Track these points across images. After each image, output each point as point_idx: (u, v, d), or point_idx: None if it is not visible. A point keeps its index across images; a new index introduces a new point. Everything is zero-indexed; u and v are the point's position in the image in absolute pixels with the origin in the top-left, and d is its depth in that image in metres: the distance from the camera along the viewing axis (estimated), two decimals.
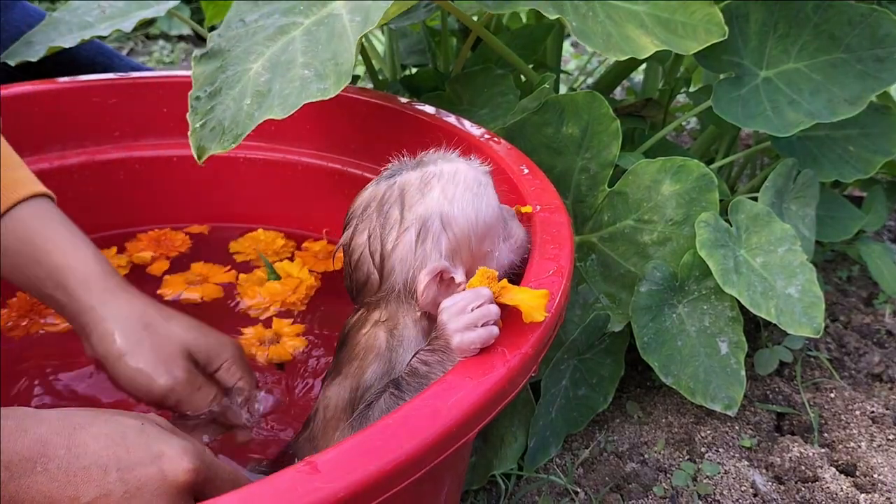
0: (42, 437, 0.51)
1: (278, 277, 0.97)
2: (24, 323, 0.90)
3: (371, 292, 0.63)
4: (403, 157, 0.64)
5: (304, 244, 1.04)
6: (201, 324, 0.78)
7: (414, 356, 0.57)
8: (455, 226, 0.60)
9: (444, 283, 0.60)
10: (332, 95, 0.73)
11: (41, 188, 0.77)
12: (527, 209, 0.71)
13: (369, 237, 0.62)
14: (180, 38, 2.70)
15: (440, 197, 0.60)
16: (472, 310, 0.54)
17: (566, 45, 1.67)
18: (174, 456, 0.53)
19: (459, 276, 0.60)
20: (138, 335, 0.72)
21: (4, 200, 0.74)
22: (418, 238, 0.60)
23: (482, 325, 0.53)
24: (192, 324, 0.76)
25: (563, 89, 1.46)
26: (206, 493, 0.55)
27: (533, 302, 0.54)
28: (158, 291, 0.95)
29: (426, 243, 0.60)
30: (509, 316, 0.55)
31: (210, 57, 0.78)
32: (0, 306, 0.91)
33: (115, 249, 1.01)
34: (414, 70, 1.32)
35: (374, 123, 0.97)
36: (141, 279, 0.97)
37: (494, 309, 0.54)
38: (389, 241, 0.60)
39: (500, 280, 0.57)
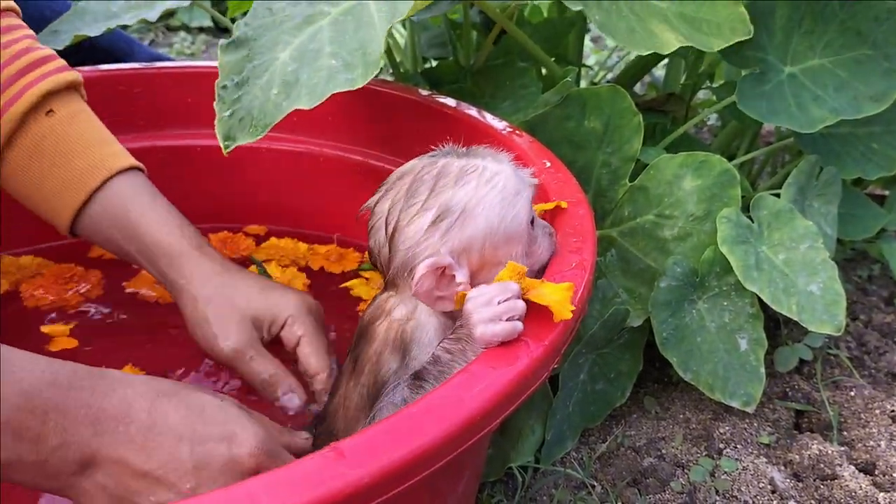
0: (127, 398, 0.53)
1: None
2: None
3: (383, 267, 0.63)
4: (455, 145, 0.63)
5: (313, 246, 1.05)
6: (267, 285, 0.82)
7: (438, 345, 0.57)
8: (473, 226, 0.59)
9: (444, 278, 0.58)
10: (360, 85, 0.73)
11: (133, 161, 0.82)
12: (552, 205, 0.71)
13: (391, 207, 0.61)
14: (201, 29, 2.71)
15: (471, 192, 0.59)
16: (499, 303, 0.54)
17: (586, 39, 1.67)
18: (244, 439, 0.54)
19: (461, 276, 0.58)
20: (206, 305, 0.78)
21: (101, 174, 0.79)
22: (432, 224, 0.59)
23: (507, 319, 0.53)
24: (257, 287, 0.81)
25: (582, 84, 1.46)
26: None
27: (558, 296, 0.54)
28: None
29: (437, 232, 0.58)
30: (534, 307, 0.55)
31: (237, 46, 0.78)
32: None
33: None
34: (435, 63, 1.32)
35: (395, 115, 0.97)
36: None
37: (521, 304, 0.54)
38: (405, 217, 0.59)
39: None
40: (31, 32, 0.82)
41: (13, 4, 0.82)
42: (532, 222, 0.62)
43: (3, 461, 0.50)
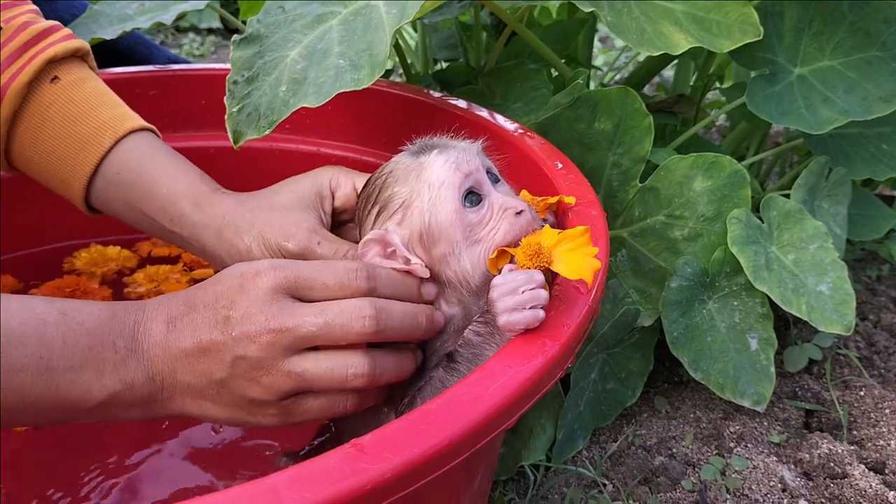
0: (169, 312, 0.58)
1: None
2: None
3: None
4: (424, 138, 0.65)
5: None
6: (292, 178, 0.76)
7: (467, 327, 0.59)
8: (410, 223, 0.62)
9: (387, 254, 0.62)
10: (366, 86, 0.74)
11: (144, 122, 0.78)
12: (554, 200, 0.71)
13: (360, 204, 0.66)
14: (210, 30, 2.73)
15: (407, 190, 0.62)
16: (523, 291, 0.55)
17: (594, 40, 1.68)
18: (256, 273, 0.57)
19: (414, 259, 0.62)
20: (251, 222, 0.72)
21: (110, 136, 0.75)
22: (376, 218, 0.64)
23: (529, 308, 0.55)
24: (285, 183, 0.76)
25: (592, 85, 1.46)
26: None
27: (582, 263, 0.56)
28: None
29: (380, 223, 0.63)
30: (549, 307, 0.56)
31: (249, 42, 0.79)
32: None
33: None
34: (445, 65, 1.33)
35: (406, 117, 0.98)
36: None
37: (544, 294, 0.55)
38: (364, 213, 0.65)
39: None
40: (35, 7, 0.80)
41: None
42: (473, 202, 0.61)
43: (103, 402, 0.54)
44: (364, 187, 0.66)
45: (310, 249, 0.70)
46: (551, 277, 0.60)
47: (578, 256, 0.56)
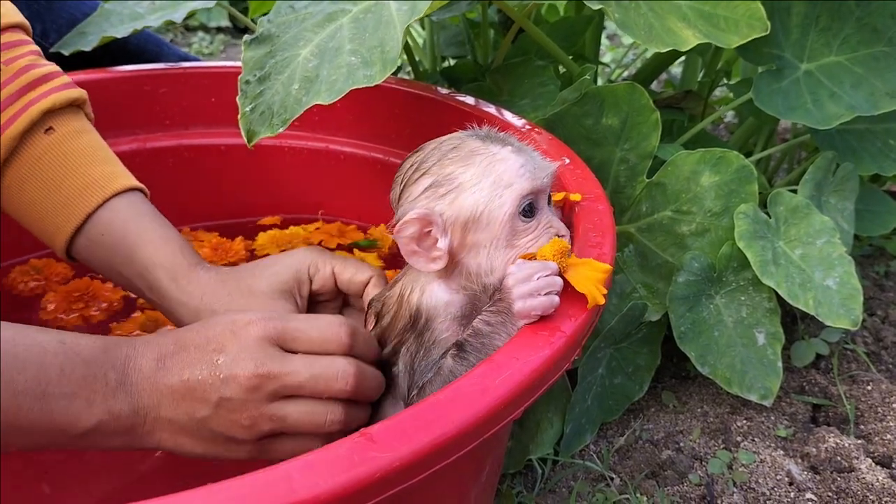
0: (160, 351, 0.59)
1: None
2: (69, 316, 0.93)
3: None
4: (490, 128, 0.65)
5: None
6: (269, 261, 0.76)
7: (477, 317, 0.59)
8: (460, 204, 0.61)
9: (426, 236, 0.61)
10: (378, 82, 0.74)
11: (133, 182, 0.78)
12: (560, 197, 0.72)
13: (410, 166, 0.64)
14: (219, 29, 2.75)
15: (470, 173, 0.61)
16: (538, 278, 0.56)
17: (602, 37, 1.68)
18: (246, 322, 0.59)
19: (443, 243, 0.61)
20: (227, 310, 0.72)
21: (98, 195, 0.75)
22: (427, 188, 0.62)
23: (545, 294, 0.56)
24: (262, 267, 0.75)
25: (599, 82, 1.47)
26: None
27: (591, 283, 0.57)
28: None
29: (430, 197, 0.61)
30: (563, 291, 0.57)
31: (260, 42, 0.80)
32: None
33: None
34: (453, 62, 1.33)
35: (415, 113, 0.99)
36: None
37: (559, 281, 0.57)
38: (414, 178, 0.63)
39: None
40: (37, 48, 0.80)
41: (22, 20, 0.80)
42: (527, 214, 0.61)
43: (89, 429, 0.56)
44: (416, 151, 0.65)
45: None
46: None
47: (590, 280, 0.58)
